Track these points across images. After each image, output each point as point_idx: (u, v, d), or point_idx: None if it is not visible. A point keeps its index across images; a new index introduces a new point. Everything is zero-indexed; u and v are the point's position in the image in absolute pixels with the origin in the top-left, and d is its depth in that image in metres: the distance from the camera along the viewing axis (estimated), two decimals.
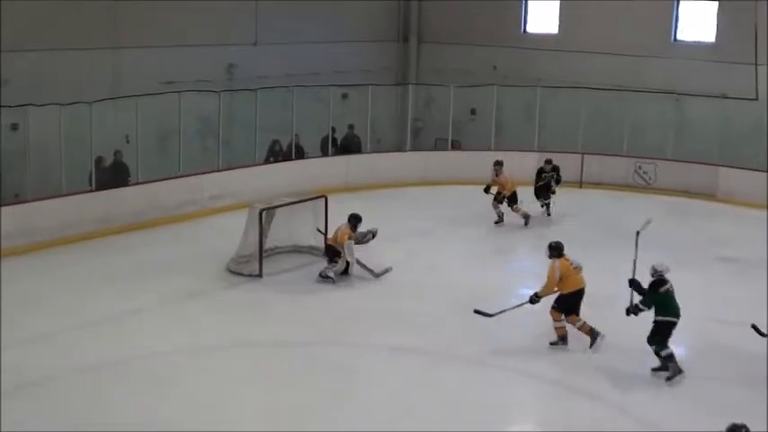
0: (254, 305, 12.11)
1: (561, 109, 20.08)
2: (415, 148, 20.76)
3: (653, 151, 19.48)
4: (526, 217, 15.86)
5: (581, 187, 19.49)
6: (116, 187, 15.13)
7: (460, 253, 14.49)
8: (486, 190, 15.94)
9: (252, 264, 13.06)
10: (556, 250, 10.65)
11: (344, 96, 20.22)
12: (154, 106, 15.72)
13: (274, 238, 13.58)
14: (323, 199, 13.72)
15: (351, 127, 19.63)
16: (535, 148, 19.74)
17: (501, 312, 10.91)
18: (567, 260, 10.61)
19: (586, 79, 20.18)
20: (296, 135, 18.24)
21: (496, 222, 15.75)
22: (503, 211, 15.81)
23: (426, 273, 13.32)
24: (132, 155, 15.52)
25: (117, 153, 15.54)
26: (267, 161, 18.23)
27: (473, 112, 21.89)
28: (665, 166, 19.31)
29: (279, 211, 13.47)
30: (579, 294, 10.60)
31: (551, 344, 10.70)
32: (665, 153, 19.41)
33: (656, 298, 9.82)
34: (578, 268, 10.61)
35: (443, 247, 14.83)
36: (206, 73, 18.42)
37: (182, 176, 16.17)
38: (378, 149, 20.08)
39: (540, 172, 16.60)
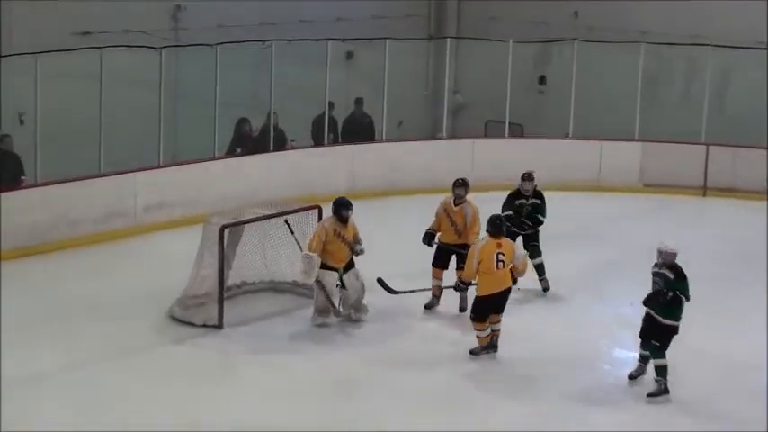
0: (211, 371, 12.09)
1: (675, 76, 20.89)
2: (454, 135, 21.29)
3: None
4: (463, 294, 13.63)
5: (704, 195, 20.04)
6: (0, 190, 15.08)
7: (529, 295, 14.61)
8: (428, 239, 13.88)
9: (207, 308, 13.10)
10: (492, 226, 12.16)
11: (349, 56, 20.82)
12: (61, 69, 15.75)
13: (242, 269, 13.65)
14: (315, 211, 13.79)
15: (358, 102, 19.99)
16: (635, 137, 20.20)
17: (408, 292, 13.10)
18: (503, 244, 12.13)
19: (715, 34, 20.25)
20: (274, 113, 18.47)
21: (428, 307, 13.82)
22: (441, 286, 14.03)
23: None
24: (27, 141, 15.59)
25: (1, 139, 15.59)
26: (231, 152, 18.38)
27: (542, 80, 22.32)
28: None
29: (248, 228, 13.53)
30: (496, 299, 12.20)
31: (471, 352, 12.37)
32: None
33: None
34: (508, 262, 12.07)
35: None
36: (141, 20, 18.61)
37: (103, 175, 16.25)
38: (399, 136, 20.50)
39: (514, 196, 14.55)
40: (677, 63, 21.34)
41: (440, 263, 13.56)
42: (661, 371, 11.29)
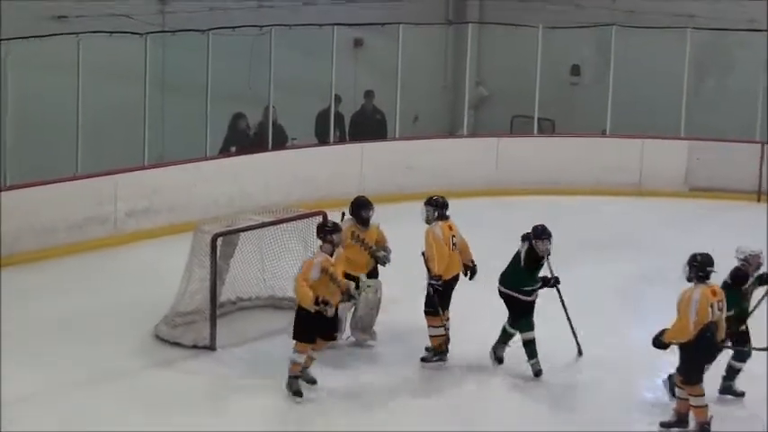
0: (202, 399, 11.99)
1: (727, 66, 21.28)
2: (476, 131, 21.50)
3: None
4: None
5: (759, 200, 20.21)
6: None
7: (553, 314, 14.05)
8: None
9: (198, 327, 13.08)
10: (442, 208, 12.79)
11: (358, 43, 20.99)
12: (34, 58, 15.86)
13: (237, 283, 13.65)
14: (319, 218, 13.60)
15: (368, 95, 20.21)
16: (681, 134, 20.40)
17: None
18: (452, 226, 12.69)
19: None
20: (273, 108, 18.59)
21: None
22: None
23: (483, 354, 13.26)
24: None
25: None
26: (225, 151, 18.49)
27: (576, 70, 22.38)
28: None
29: (244, 238, 13.53)
30: (452, 286, 12.76)
31: (423, 360, 12.81)
32: None
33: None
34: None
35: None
36: (123, 3, 18.57)
37: (81, 178, 16.27)
38: (414, 132, 20.71)
39: (534, 237, 12.65)
40: (730, 51, 21.42)
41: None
42: None
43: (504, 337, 12.64)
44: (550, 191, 19.50)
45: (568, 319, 12.98)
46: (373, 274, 13.00)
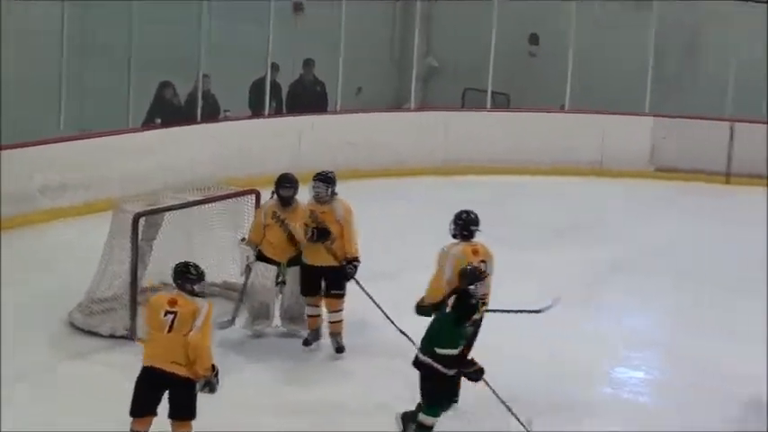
0: (119, 394, 11.07)
1: (696, 40, 21.56)
2: (425, 105, 21.76)
3: None
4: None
5: (728, 182, 20.66)
6: None
7: (510, 305, 13.84)
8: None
9: (116, 315, 12.81)
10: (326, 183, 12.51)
11: (297, 8, 21.04)
12: None
13: (160, 267, 12.91)
14: (252, 196, 13.66)
15: (308, 64, 20.24)
16: (646, 111, 20.61)
17: None
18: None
19: None
20: (205, 76, 18.66)
21: (306, 343, 13.03)
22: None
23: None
24: None
25: None
26: (150, 122, 18.35)
27: (534, 39, 22.47)
28: None
29: (169, 218, 13.27)
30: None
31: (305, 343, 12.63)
32: None
33: None
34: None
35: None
36: None
37: None
38: (358, 106, 20.74)
39: (471, 275, 10.80)
40: (699, 24, 21.69)
41: None
42: None
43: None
44: (504, 170, 19.78)
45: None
46: (296, 260, 12.69)
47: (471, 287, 10.25)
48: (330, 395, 11.76)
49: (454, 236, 11.44)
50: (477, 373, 10.16)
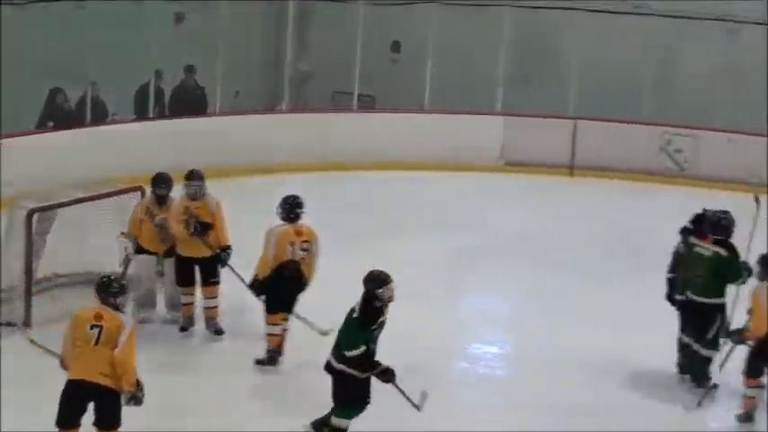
0: (13, 380, 11.21)
1: (540, 43, 22.01)
2: (297, 107, 21.88)
3: (691, 116, 20.81)
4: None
5: (572, 175, 21.25)
6: None
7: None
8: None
9: (12, 305, 12.81)
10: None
11: (178, 19, 20.96)
12: None
13: (54, 259, 13.36)
14: (138, 193, 13.72)
15: (189, 70, 20.24)
16: (497, 110, 21.24)
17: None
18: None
19: None
20: (93, 83, 18.59)
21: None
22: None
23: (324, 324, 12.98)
24: None
25: None
26: (42, 126, 18.38)
27: (396, 47, 23.12)
28: (711, 139, 20.80)
29: (61, 213, 13.31)
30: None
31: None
32: (710, 119, 20.78)
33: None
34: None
35: (344, 277, 14.45)
36: None
37: None
38: (236, 108, 20.85)
39: (376, 279, 10.11)
40: (549, 30, 22.16)
41: None
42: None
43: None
44: (369, 165, 20.00)
45: None
46: (171, 251, 12.87)
47: (379, 290, 9.89)
48: (211, 375, 11.99)
49: (282, 218, 11.86)
50: (387, 374, 9.91)
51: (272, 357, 12.00)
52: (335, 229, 15.73)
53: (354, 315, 9.88)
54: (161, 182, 12.83)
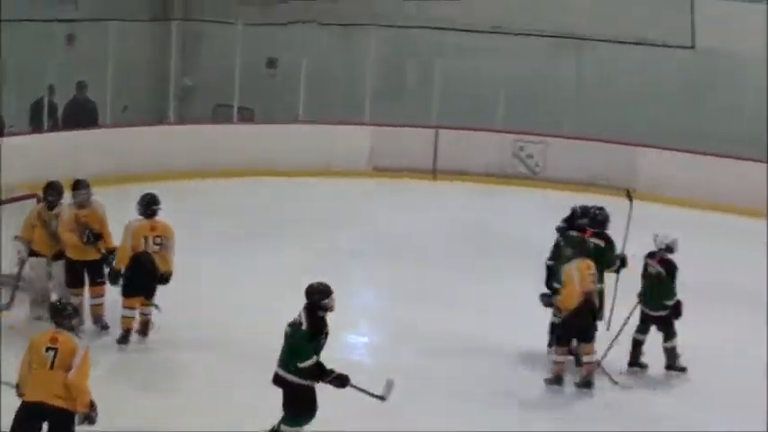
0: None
1: (406, 61, 22.85)
2: (182, 119, 22.35)
3: (542, 124, 21.76)
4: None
5: (435, 179, 21.78)
6: None
7: (259, 287, 14.80)
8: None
9: None
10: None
11: (70, 39, 21.22)
12: None
13: None
14: (33, 200, 13.65)
15: (81, 86, 20.51)
16: (366, 120, 22.00)
17: None
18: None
19: (445, 17, 22.31)
20: None
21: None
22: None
23: (211, 322, 13.39)
24: None
25: None
26: None
27: (271, 63, 23.69)
28: (560, 146, 21.71)
29: None
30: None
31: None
32: (559, 127, 21.80)
33: None
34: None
35: (235, 279, 15.10)
36: None
37: None
38: (125, 120, 21.03)
39: (320, 291, 10.13)
40: (414, 45, 23.11)
41: None
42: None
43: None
44: (249, 173, 20.25)
45: None
46: (61, 254, 12.86)
47: (324, 301, 9.86)
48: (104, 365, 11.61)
49: (139, 214, 12.42)
50: (340, 380, 9.85)
51: (124, 336, 12.50)
52: (218, 231, 16.77)
53: (303, 328, 9.76)
54: (52, 189, 12.92)
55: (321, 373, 9.81)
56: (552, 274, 12.69)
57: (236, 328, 12.92)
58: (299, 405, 9.88)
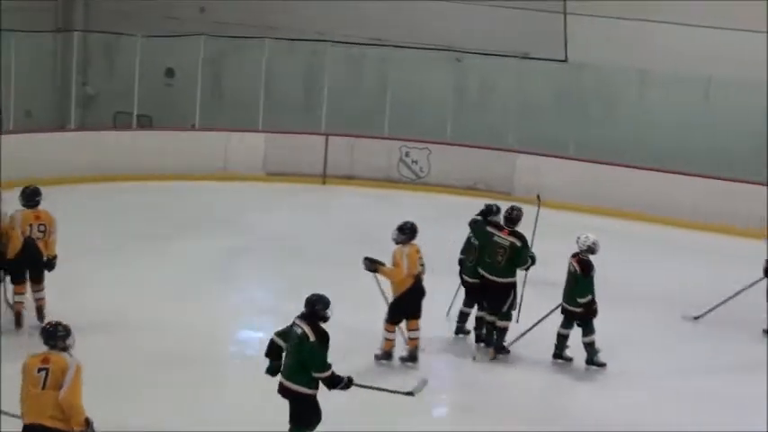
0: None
1: (297, 71, 23.17)
2: (83, 126, 22.54)
3: (425, 132, 22.31)
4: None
5: (324, 183, 22.28)
6: None
7: (158, 284, 15.12)
8: None
9: None
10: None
11: None
12: None
13: None
14: None
15: None
16: (259, 128, 22.44)
17: None
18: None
19: (331, 29, 22.88)
20: None
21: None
22: None
23: (108, 320, 13.46)
24: None
25: None
26: None
27: (170, 73, 23.99)
28: (443, 152, 22.24)
29: None
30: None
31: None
32: (442, 134, 22.35)
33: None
34: None
35: (128, 275, 15.42)
36: None
37: None
38: (27, 127, 21.15)
39: (323, 302, 10.21)
40: (308, 57, 23.55)
41: None
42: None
43: None
44: (148, 177, 20.37)
45: None
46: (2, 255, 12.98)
47: (327, 311, 9.85)
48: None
49: (23, 205, 12.92)
50: (349, 383, 9.96)
51: (17, 320, 12.92)
52: (116, 233, 17.11)
53: (312, 340, 9.71)
54: None
55: (337, 380, 9.88)
56: (464, 267, 13.55)
57: (128, 326, 13.15)
58: (310, 414, 9.90)
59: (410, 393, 10.42)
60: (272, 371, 10.10)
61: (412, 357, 12.81)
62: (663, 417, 12.03)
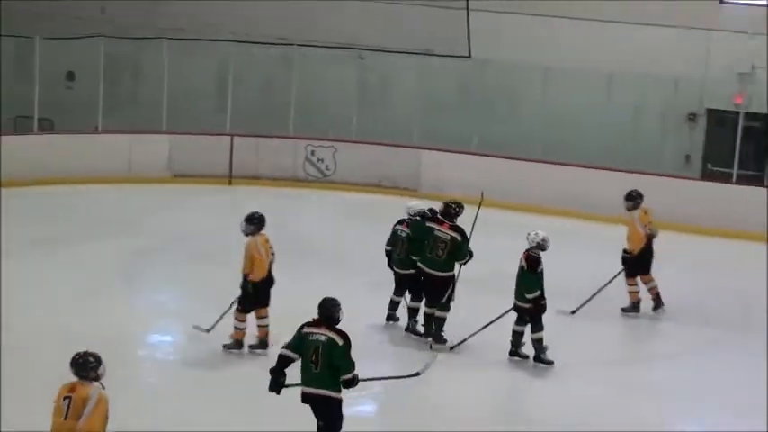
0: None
1: (198, 71, 23.12)
2: None
3: (330, 130, 22.34)
4: None
5: (230, 184, 22.17)
6: None
7: (62, 288, 14.89)
8: None
9: None
10: None
11: None
12: None
13: None
14: None
15: None
16: (163, 129, 22.19)
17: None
18: None
19: (233, 29, 22.68)
20: None
21: None
22: None
23: (11, 323, 13.14)
24: None
25: None
26: None
27: (70, 76, 23.67)
28: (348, 150, 22.23)
29: None
30: None
31: None
32: (347, 132, 22.44)
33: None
34: None
35: (31, 279, 15.15)
36: None
37: None
38: None
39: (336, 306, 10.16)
40: (198, 55, 23.28)
41: None
42: None
43: None
44: (51, 181, 20.06)
45: None
46: None
47: (340, 314, 9.65)
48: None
49: None
50: (357, 380, 9.91)
51: None
52: (20, 237, 16.58)
53: (340, 344, 9.57)
54: None
55: (357, 379, 9.80)
56: (391, 259, 13.79)
57: (31, 331, 12.83)
58: (339, 417, 9.78)
59: (416, 374, 10.50)
60: (278, 386, 9.90)
61: (262, 344, 12.76)
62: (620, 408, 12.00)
